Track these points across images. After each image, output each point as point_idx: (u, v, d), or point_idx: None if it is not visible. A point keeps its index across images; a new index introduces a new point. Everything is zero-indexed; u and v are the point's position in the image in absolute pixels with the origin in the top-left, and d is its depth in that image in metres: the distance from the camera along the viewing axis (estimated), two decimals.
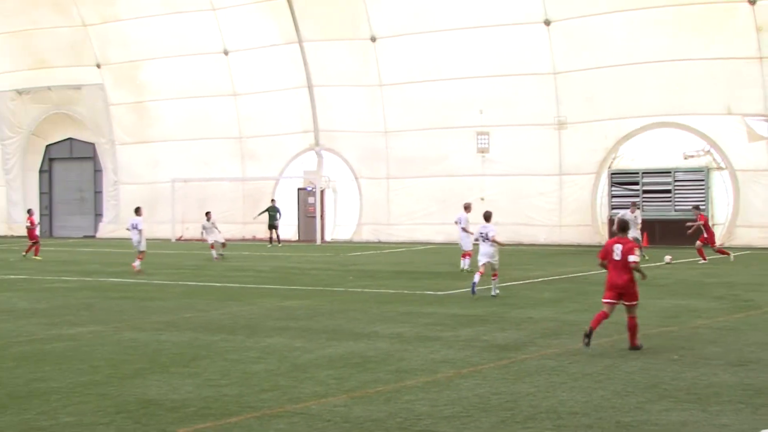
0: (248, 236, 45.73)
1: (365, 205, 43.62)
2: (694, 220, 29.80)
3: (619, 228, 13.91)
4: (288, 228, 45.00)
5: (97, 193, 51.19)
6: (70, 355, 13.55)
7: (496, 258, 20.45)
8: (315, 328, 15.97)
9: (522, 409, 9.98)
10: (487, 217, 20.84)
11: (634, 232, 27.43)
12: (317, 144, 44.28)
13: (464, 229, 26.62)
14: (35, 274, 27.02)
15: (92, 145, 50.50)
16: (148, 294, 21.86)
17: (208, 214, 34.34)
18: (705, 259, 28.98)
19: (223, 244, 33.42)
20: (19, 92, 50.57)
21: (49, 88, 49.81)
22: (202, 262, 32.22)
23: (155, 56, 46.73)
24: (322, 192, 44.10)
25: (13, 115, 51.03)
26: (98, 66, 48.31)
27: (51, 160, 52.50)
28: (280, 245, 40.92)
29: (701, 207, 33.69)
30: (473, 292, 19.99)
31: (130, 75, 47.80)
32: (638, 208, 31.71)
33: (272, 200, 43.41)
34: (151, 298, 21.03)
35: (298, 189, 45.47)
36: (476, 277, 20.29)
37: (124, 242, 43.24)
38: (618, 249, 13.33)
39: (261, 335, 15.14)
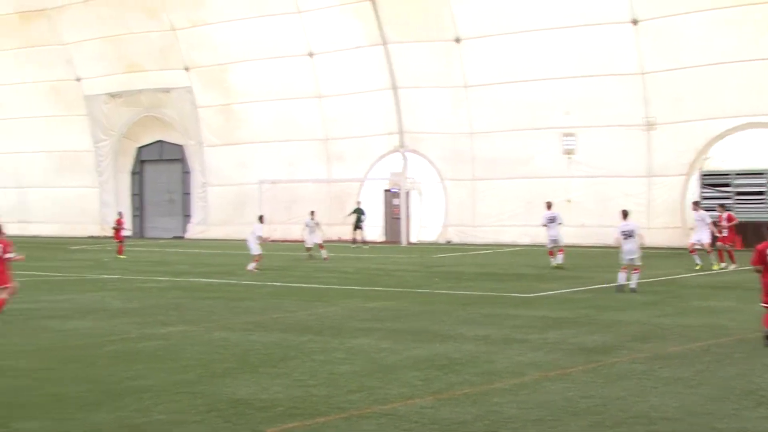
0: (333, 237, 45.94)
1: (450, 207, 43.52)
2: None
3: None
4: (373, 229, 45.13)
5: (186, 194, 52.01)
6: (161, 354, 13.79)
7: (639, 254, 21.29)
8: (401, 329, 15.98)
9: (612, 413, 9.84)
10: (626, 214, 21.82)
11: (700, 234, 26.88)
12: (402, 146, 44.31)
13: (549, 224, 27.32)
14: (127, 274, 27.59)
15: (181, 147, 51.36)
16: (237, 294, 22.13)
17: (312, 213, 35.69)
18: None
19: (321, 246, 33.92)
20: (112, 96, 51.68)
21: (140, 91, 50.82)
22: (289, 262, 32.52)
23: (242, 59, 47.30)
24: (407, 193, 44.13)
25: (106, 118, 52.17)
26: (186, 69, 49.10)
27: (142, 162, 53.55)
28: (366, 247, 41.09)
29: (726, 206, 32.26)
30: (619, 289, 20.79)
31: (218, 78, 48.48)
32: (703, 208, 30.34)
33: (357, 202, 43.62)
34: (240, 298, 21.29)
35: (384, 190, 45.58)
36: (621, 276, 21.07)
37: (213, 243, 44.01)
38: None
39: (347, 336, 15.21)
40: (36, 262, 33.31)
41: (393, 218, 44.91)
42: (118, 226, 36.64)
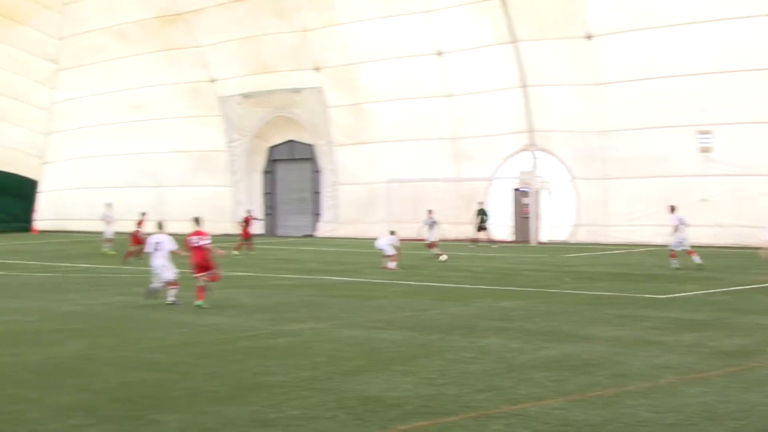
0: (462, 237, 45.84)
1: (581, 206, 42.88)
2: None
3: None
4: (502, 229, 44.84)
5: (316, 193, 52.72)
6: (292, 350, 14.00)
7: None
8: (531, 329, 15.83)
9: (753, 420, 9.50)
10: None
11: None
12: (532, 144, 43.88)
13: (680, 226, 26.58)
14: (259, 272, 28.14)
15: (311, 146, 52.08)
16: (367, 292, 22.29)
17: (430, 211, 35.84)
18: None
19: (433, 245, 34.02)
20: (245, 96, 52.79)
21: (271, 92, 51.74)
22: (418, 261, 32.59)
23: (371, 59, 47.63)
24: (536, 192, 43.69)
25: (240, 118, 53.32)
26: (317, 70, 49.73)
27: (273, 161, 54.53)
28: (495, 246, 40.87)
29: None
30: None
31: (347, 78, 48.95)
32: None
33: (479, 203, 43.33)
34: (370, 296, 21.43)
35: (513, 190, 45.23)
36: None
37: (342, 241, 44.49)
38: None
39: (477, 335, 15.15)
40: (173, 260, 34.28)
41: (522, 217, 44.51)
42: (246, 224, 37.57)
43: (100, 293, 22.52)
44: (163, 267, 20.17)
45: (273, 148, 54.07)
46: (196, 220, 20.62)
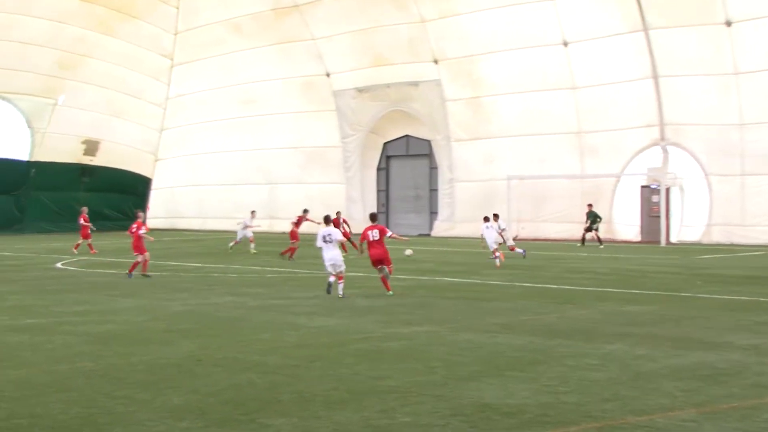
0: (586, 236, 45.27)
1: (716, 205, 41.84)
2: None
3: None
4: (630, 228, 44.13)
5: (432, 190, 52.80)
6: (406, 354, 14.01)
7: None
8: (659, 335, 15.51)
9: None
10: None
11: None
12: (663, 138, 43.03)
13: None
14: (371, 272, 28.26)
15: (428, 142, 52.17)
16: (483, 295, 22.21)
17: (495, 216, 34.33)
18: None
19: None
20: (360, 90, 53.20)
21: (387, 85, 51.99)
22: (537, 263, 32.32)
23: (492, 50, 47.45)
24: (667, 190, 42.82)
25: (354, 113, 53.76)
26: (435, 62, 49.78)
27: (388, 157, 54.83)
28: (601, 246, 40.30)
29: None
30: None
31: (467, 70, 48.85)
32: None
33: (589, 205, 42.56)
34: (486, 298, 21.35)
35: (642, 187, 44.45)
36: None
37: (459, 241, 44.41)
38: None
39: (600, 341, 14.91)
40: (285, 259, 34.83)
41: (651, 216, 43.72)
42: (297, 225, 37.69)
43: (209, 293, 22.99)
44: (335, 258, 21.67)
45: (388, 143, 54.38)
46: (373, 217, 23.54)
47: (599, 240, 41.29)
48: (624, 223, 45.01)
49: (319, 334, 16.12)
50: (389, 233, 22.71)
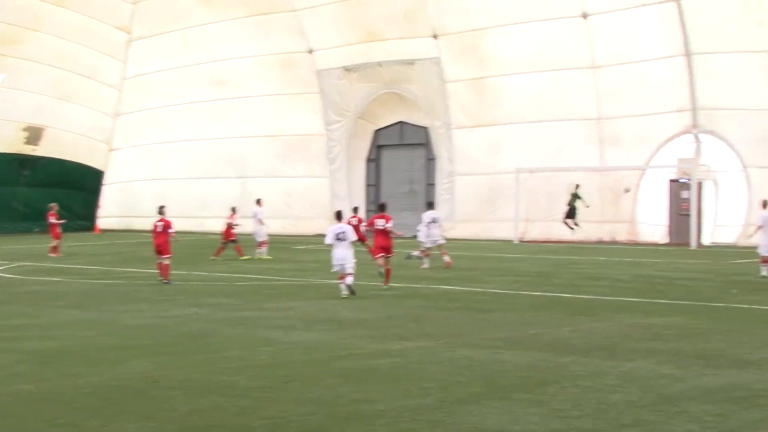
0: (606, 237, 45.43)
1: (755, 201, 41.95)
2: None
3: None
4: (656, 228, 44.25)
5: (430, 185, 52.83)
6: (397, 373, 14.04)
7: None
8: (687, 351, 15.58)
9: None
10: None
11: None
12: (695, 126, 43.16)
13: None
14: (361, 279, 28.32)
15: (425, 129, 52.21)
16: (485, 305, 22.25)
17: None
18: None
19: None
20: (347, 69, 53.13)
21: (379, 64, 51.99)
22: (547, 268, 32.38)
23: (500, 23, 47.50)
24: (699, 184, 42.95)
25: (340, 96, 53.67)
26: (435, 37, 49.80)
27: (379, 147, 54.86)
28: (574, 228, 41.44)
29: None
30: None
31: (471, 46, 48.88)
32: None
33: (576, 185, 43.49)
34: (489, 309, 21.38)
35: (670, 180, 44.59)
36: None
37: (460, 243, 44.41)
38: None
39: (620, 358, 14.97)
40: (257, 264, 34.86)
41: (680, 215, 43.86)
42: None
43: (169, 303, 22.98)
44: (345, 258, 23.46)
45: (379, 131, 54.44)
46: (382, 207, 26.98)
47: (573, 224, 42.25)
48: (649, 223, 45.14)
49: (295, 350, 16.13)
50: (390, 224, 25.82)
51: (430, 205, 34.95)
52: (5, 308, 22.35)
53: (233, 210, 39.06)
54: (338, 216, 24.89)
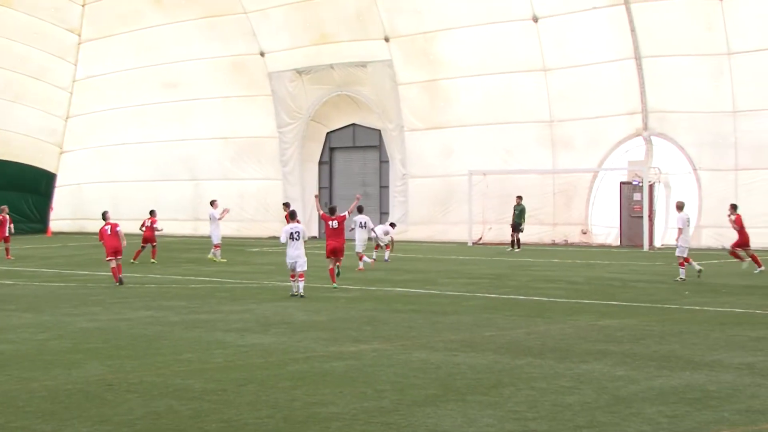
0: (559, 240, 45.68)
1: (706, 204, 42.32)
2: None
3: None
4: (608, 231, 44.50)
5: (383, 188, 52.84)
6: (352, 376, 14.03)
7: None
8: (641, 353, 15.67)
9: None
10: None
11: None
12: (646, 128, 43.46)
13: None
14: (314, 281, 28.30)
15: (378, 131, 52.22)
16: (440, 307, 22.27)
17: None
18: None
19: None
20: (299, 72, 53.04)
21: (331, 66, 51.90)
22: (502, 270, 32.48)
23: (451, 26, 47.59)
24: (650, 187, 43.23)
25: (293, 98, 53.56)
26: (386, 39, 49.81)
27: (332, 149, 54.80)
28: (517, 250, 41.28)
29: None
30: None
31: (423, 49, 48.95)
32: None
33: (518, 197, 43.53)
34: (444, 311, 21.41)
35: (621, 183, 44.85)
36: None
37: (414, 246, 44.48)
38: None
39: (574, 360, 15.04)
40: (210, 267, 34.74)
41: (632, 217, 44.12)
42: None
43: (123, 306, 22.83)
44: (298, 257, 24.03)
45: (332, 133, 54.37)
46: (332, 210, 27.64)
47: (516, 243, 42.36)
48: (602, 225, 45.40)
49: (251, 353, 16.08)
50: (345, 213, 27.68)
51: (360, 210, 34.64)
52: None
53: (152, 213, 37.93)
54: (292, 216, 25.22)
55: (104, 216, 28.50)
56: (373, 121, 52.19)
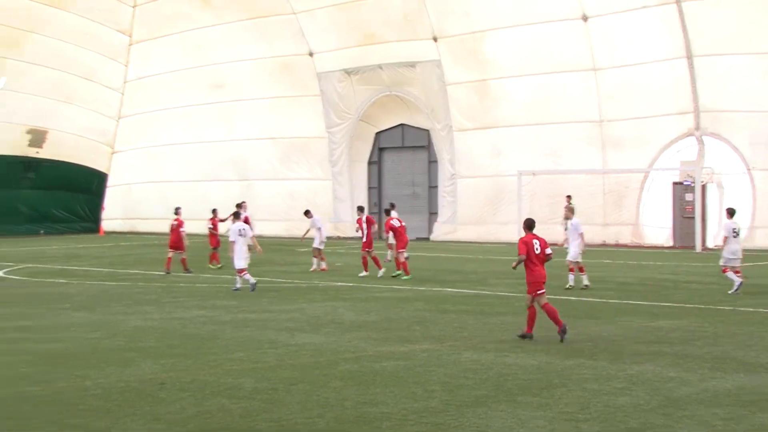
0: (609, 241, 45.39)
1: (760, 204, 41.90)
2: None
3: None
4: (660, 231, 44.18)
5: (432, 188, 52.77)
6: (402, 376, 14.03)
7: None
8: (694, 354, 15.56)
9: None
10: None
11: None
12: (698, 128, 43.10)
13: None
14: (362, 282, 28.33)
15: (426, 131, 52.16)
16: (491, 308, 22.23)
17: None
18: None
19: None
20: (348, 72, 53.10)
21: (379, 66, 51.91)
22: (551, 270, 32.30)
23: (501, 26, 47.43)
24: (703, 187, 42.88)
25: (341, 99, 53.63)
26: (435, 39, 49.74)
27: (381, 149, 54.81)
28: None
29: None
30: None
31: (472, 49, 48.82)
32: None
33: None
34: (495, 312, 21.37)
35: (673, 183, 44.51)
36: None
37: (462, 246, 44.39)
38: None
39: (626, 361, 14.95)
40: (261, 267, 34.81)
41: (684, 218, 43.76)
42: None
43: (176, 306, 22.98)
44: (246, 253, 25.88)
45: (380, 133, 54.36)
46: (392, 205, 31.32)
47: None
48: (653, 226, 45.05)
49: (301, 353, 16.13)
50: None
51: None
52: (11, 310, 22.37)
53: (214, 212, 37.64)
54: (236, 215, 27.72)
55: (176, 211, 32.49)
56: (421, 121, 52.14)
